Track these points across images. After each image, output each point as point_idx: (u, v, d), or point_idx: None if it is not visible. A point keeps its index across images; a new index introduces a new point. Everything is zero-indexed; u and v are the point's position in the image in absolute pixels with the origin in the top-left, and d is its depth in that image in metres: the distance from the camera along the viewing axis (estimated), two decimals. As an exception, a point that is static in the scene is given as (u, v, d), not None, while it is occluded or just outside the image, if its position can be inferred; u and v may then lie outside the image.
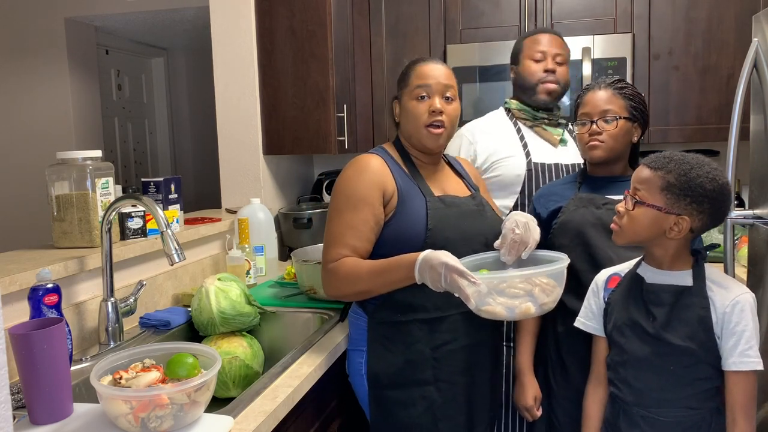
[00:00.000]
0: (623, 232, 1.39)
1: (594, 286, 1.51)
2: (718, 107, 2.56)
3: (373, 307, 1.57)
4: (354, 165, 1.57)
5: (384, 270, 1.46)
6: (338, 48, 2.66)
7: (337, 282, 1.51)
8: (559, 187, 1.77)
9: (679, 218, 1.31)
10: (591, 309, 1.50)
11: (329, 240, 1.54)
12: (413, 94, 1.57)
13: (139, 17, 3.99)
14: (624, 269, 1.47)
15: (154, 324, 1.79)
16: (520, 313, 1.39)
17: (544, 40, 1.97)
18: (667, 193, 1.31)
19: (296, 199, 3.09)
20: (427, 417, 1.54)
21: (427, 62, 1.60)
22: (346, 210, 1.52)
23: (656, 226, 1.33)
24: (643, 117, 1.67)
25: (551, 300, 1.43)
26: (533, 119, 2.01)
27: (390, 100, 1.70)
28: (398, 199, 1.54)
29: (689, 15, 2.56)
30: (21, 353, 1.14)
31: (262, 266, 2.40)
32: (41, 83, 3.99)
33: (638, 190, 1.35)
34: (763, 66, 1.79)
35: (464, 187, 1.69)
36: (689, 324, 1.31)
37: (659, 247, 1.37)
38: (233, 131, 2.71)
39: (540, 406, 1.70)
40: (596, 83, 1.68)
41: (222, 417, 1.20)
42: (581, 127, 1.66)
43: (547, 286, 1.41)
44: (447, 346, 1.54)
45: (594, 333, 1.49)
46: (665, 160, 1.34)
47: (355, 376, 1.65)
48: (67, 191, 1.73)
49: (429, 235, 1.50)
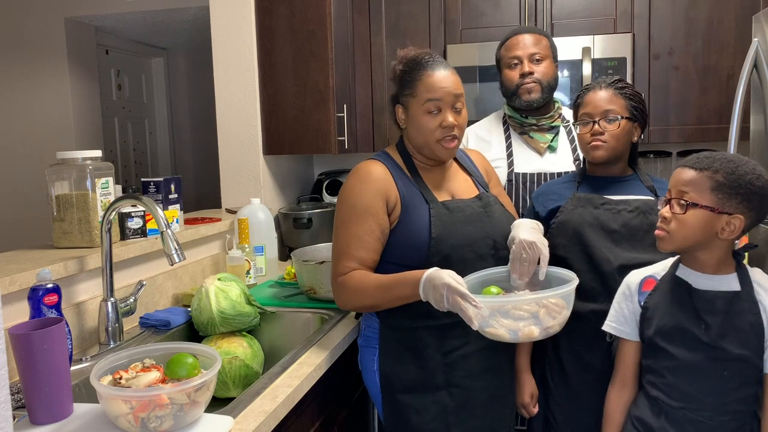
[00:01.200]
0: (672, 237, 1.34)
1: (626, 289, 1.47)
2: (718, 107, 2.56)
3: (384, 312, 1.56)
4: (356, 174, 1.56)
5: (390, 286, 1.45)
6: (338, 48, 2.66)
7: (346, 296, 1.52)
8: (557, 186, 1.77)
9: (731, 218, 1.29)
10: (623, 313, 1.46)
11: (337, 252, 1.54)
12: (424, 108, 1.52)
13: (139, 17, 3.99)
14: (658, 272, 1.44)
15: (154, 324, 1.79)
16: (523, 336, 1.37)
17: (517, 44, 1.99)
18: (718, 192, 1.29)
19: (296, 199, 3.09)
20: (439, 422, 1.54)
21: (435, 69, 1.53)
22: (351, 221, 1.51)
23: (709, 228, 1.30)
24: (643, 117, 1.67)
25: (557, 323, 1.40)
26: (521, 126, 2.03)
27: (389, 100, 1.66)
28: (402, 207, 1.53)
29: (689, 15, 2.56)
30: (21, 353, 1.14)
31: (262, 266, 2.40)
32: (41, 83, 3.99)
33: (686, 192, 1.31)
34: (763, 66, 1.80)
35: (472, 186, 1.66)
36: (743, 331, 1.30)
37: (707, 251, 1.34)
38: (233, 131, 2.71)
39: (537, 404, 1.71)
40: (596, 83, 1.68)
41: (222, 417, 1.20)
42: (583, 127, 1.65)
43: (555, 307, 1.39)
44: (458, 351, 1.54)
45: (626, 338, 1.46)
46: (709, 159, 1.31)
47: (367, 372, 1.64)
48: (67, 191, 1.73)
49: (433, 243, 1.49)
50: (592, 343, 1.60)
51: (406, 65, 1.58)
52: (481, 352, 1.55)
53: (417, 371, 1.54)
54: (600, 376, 1.58)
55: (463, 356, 1.54)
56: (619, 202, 1.63)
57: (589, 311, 1.59)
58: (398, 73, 1.59)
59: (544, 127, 2.02)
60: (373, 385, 1.62)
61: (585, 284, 1.58)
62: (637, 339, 1.45)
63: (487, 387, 1.57)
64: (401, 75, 1.58)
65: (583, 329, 1.60)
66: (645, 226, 1.58)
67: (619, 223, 1.60)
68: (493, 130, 2.09)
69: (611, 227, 1.60)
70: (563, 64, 2.58)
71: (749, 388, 1.33)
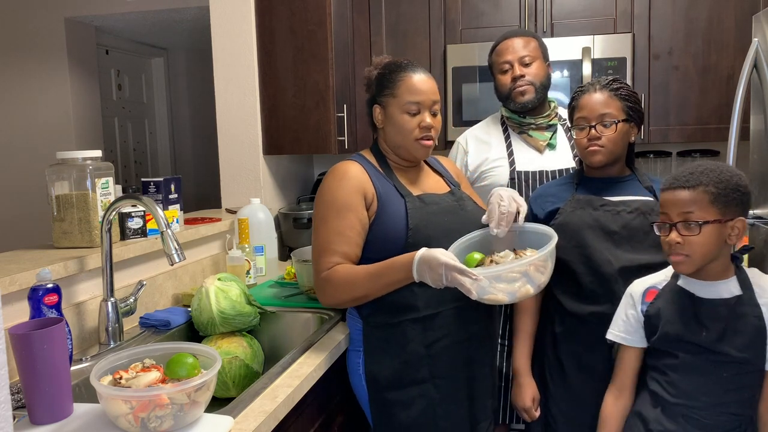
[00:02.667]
0: (692, 259, 1.35)
1: (629, 299, 1.49)
2: (718, 107, 2.56)
3: (367, 312, 1.58)
4: (333, 173, 1.59)
5: (381, 273, 1.47)
6: (338, 48, 2.66)
7: (333, 290, 1.52)
8: (555, 188, 1.76)
9: (734, 222, 1.33)
10: (629, 323, 1.47)
11: (319, 249, 1.55)
12: (404, 108, 1.58)
13: (139, 17, 3.99)
14: (659, 281, 1.46)
15: (154, 324, 1.79)
16: (521, 296, 1.45)
17: (506, 49, 2.01)
18: (717, 203, 1.32)
19: (296, 199, 3.09)
20: (426, 415, 1.55)
21: (415, 72, 1.60)
22: (332, 218, 1.53)
23: (721, 239, 1.34)
24: (640, 116, 1.66)
25: (545, 278, 1.47)
26: (519, 125, 2.04)
27: (366, 102, 1.68)
28: (378, 202, 1.56)
29: (689, 15, 2.56)
30: (21, 353, 1.14)
31: (262, 266, 2.40)
32: (41, 83, 3.99)
33: (690, 213, 1.33)
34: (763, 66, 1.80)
35: (444, 184, 1.71)
36: (745, 334, 1.32)
37: (717, 261, 1.36)
38: (233, 131, 2.71)
39: (538, 407, 1.70)
40: (591, 84, 1.66)
41: (222, 417, 1.20)
42: (579, 132, 1.64)
43: (539, 263, 1.45)
44: (440, 342, 1.55)
45: (629, 345, 1.47)
46: (693, 176, 1.34)
47: (353, 375, 1.66)
48: (67, 191, 1.73)
49: (411, 234, 1.52)
50: (593, 345, 1.59)
51: (385, 68, 1.64)
52: (462, 342, 1.57)
53: (402, 366, 1.55)
54: (600, 378, 1.58)
55: (445, 347, 1.55)
56: (618, 204, 1.62)
57: (590, 313, 1.59)
58: (375, 76, 1.64)
59: (542, 125, 2.03)
60: (360, 388, 1.63)
61: (585, 286, 1.58)
62: (638, 345, 1.46)
63: (470, 378, 1.59)
64: (379, 77, 1.63)
65: (584, 331, 1.60)
66: (645, 227, 1.58)
67: (620, 225, 1.59)
68: (492, 131, 2.10)
69: (611, 229, 1.59)
70: (563, 64, 2.58)
71: (750, 390, 1.34)
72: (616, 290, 1.54)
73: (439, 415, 1.55)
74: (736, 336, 1.31)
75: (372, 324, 1.58)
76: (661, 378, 1.41)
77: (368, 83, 1.67)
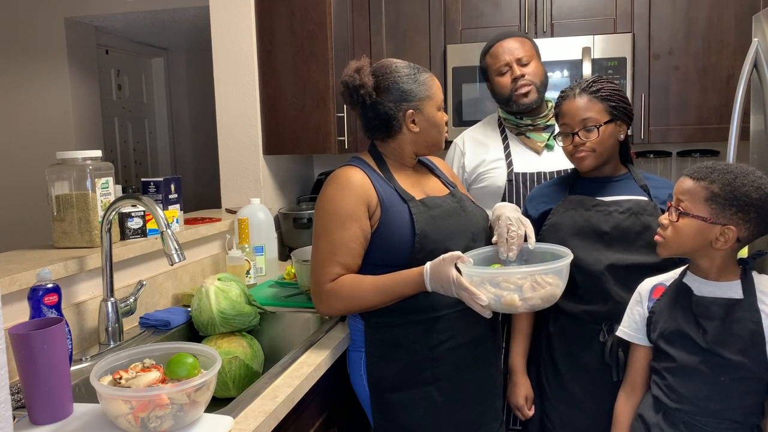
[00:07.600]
0: (668, 243, 1.38)
1: (637, 296, 1.49)
2: (718, 107, 2.56)
3: (368, 313, 1.57)
4: (335, 181, 1.56)
5: (390, 288, 1.48)
6: (338, 48, 2.66)
7: (339, 302, 1.52)
8: (549, 189, 1.76)
9: (725, 228, 1.30)
10: (635, 319, 1.47)
11: (321, 259, 1.53)
12: (439, 106, 1.63)
13: (139, 17, 3.99)
14: (668, 279, 1.46)
15: (154, 324, 1.79)
16: (505, 303, 1.39)
17: (503, 51, 2.01)
18: (712, 203, 1.30)
19: (296, 199, 3.09)
20: (429, 418, 1.54)
21: (431, 74, 1.65)
22: (335, 228, 1.51)
23: (702, 237, 1.32)
24: (626, 113, 1.63)
25: (537, 296, 1.40)
26: (517, 127, 2.04)
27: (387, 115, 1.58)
28: (381, 209, 1.54)
29: (689, 15, 2.56)
30: (21, 353, 1.14)
31: (262, 266, 2.40)
32: (41, 83, 3.99)
33: (681, 201, 1.34)
34: (763, 66, 1.80)
35: (442, 186, 1.71)
36: (741, 339, 1.30)
37: (706, 258, 1.36)
38: (233, 131, 2.71)
39: (532, 406, 1.70)
40: (571, 89, 1.63)
41: (222, 417, 1.20)
42: (564, 139, 1.64)
43: (542, 281, 1.42)
44: (444, 345, 1.54)
45: (637, 342, 1.47)
46: (708, 170, 1.33)
47: (354, 376, 1.65)
48: (67, 191, 1.73)
49: (418, 239, 1.51)
50: (587, 344, 1.59)
51: (410, 72, 1.59)
52: (467, 345, 1.57)
53: (404, 368, 1.55)
54: (595, 377, 1.58)
55: (449, 350, 1.55)
56: (611, 204, 1.62)
57: (582, 311, 1.59)
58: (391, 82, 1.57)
59: (540, 126, 2.03)
60: (362, 389, 1.63)
61: (577, 285, 1.58)
62: (645, 344, 1.46)
63: (474, 380, 1.59)
64: (401, 82, 1.57)
65: (577, 329, 1.61)
66: (637, 227, 1.57)
67: (611, 225, 1.58)
68: (489, 132, 2.10)
69: (602, 229, 1.59)
70: (563, 64, 2.58)
71: (753, 398, 1.32)
72: (608, 288, 1.55)
73: (442, 417, 1.55)
74: (731, 338, 1.30)
75: (374, 325, 1.57)
76: (662, 382, 1.40)
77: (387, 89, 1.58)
